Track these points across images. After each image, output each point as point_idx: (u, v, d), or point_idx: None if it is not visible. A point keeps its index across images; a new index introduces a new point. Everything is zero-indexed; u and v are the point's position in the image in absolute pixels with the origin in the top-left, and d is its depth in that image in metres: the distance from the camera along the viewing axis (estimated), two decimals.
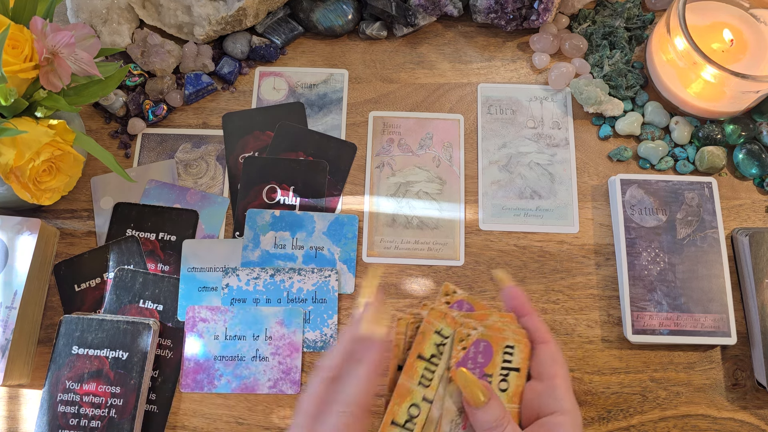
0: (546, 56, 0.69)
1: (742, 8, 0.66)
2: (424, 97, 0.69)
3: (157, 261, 0.62)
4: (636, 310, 0.59)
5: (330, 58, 0.71)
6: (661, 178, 0.63)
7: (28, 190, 0.53)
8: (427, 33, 0.72)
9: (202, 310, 0.59)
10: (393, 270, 0.62)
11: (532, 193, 0.65)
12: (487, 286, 0.62)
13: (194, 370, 0.58)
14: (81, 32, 0.53)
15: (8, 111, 0.52)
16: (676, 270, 0.59)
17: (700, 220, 0.61)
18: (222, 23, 0.67)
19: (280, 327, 0.59)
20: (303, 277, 0.61)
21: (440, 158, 0.66)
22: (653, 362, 0.59)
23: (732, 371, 0.59)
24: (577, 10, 0.71)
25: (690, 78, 0.62)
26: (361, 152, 0.67)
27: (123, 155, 0.66)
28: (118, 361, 0.56)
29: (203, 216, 0.64)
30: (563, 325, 0.60)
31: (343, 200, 0.65)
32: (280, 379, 0.58)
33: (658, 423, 0.57)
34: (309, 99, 0.69)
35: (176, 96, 0.67)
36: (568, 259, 0.63)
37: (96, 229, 0.63)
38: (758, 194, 0.65)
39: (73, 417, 0.54)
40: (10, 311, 0.56)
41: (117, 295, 0.60)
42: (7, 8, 0.53)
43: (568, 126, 0.68)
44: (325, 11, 0.69)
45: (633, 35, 0.70)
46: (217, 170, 0.66)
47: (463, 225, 0.64)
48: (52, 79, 0.52)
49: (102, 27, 0.67)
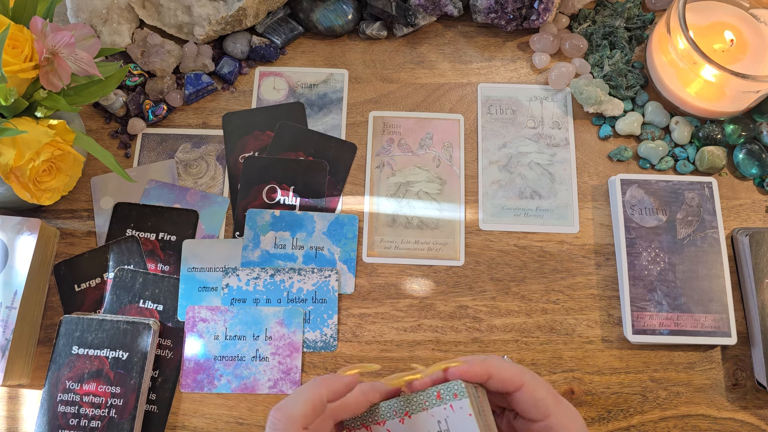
0: (546, 56, 0.69)
1: (742, 8, 0.66)
2: (424, 97, 0.69)
3: (157, 261, 0.62)
4: (636, 310, 0.59)
5: (330, 58, 0.71)
6: (661, 178, 0.63)
7: (28, 190, 0.53)
8: (427, 33, 0.72)
9: (202, 310, 0.59)
10: (393, 270, 0.62)
11: (532, 193, 0.65)
12: (486, 286, 0.62)
13: (194, 370, 0.58)
14: (81, 32, 0.53)
15: (8, 111, 0.52)
16: (676, 270, 0.59)
17: (701, 220, 0.61)
18: (222, 23, 0.67)
19: (280, 327, 0.59)
20: (303, 277, 0.61)
21: (440, 158, 0.66)
22: (653, 362, 0.59)
23: (732, 371, 0.59)
24: (577, 10, 0.71)
25: (690, 78, 0.62)
26: (361, 152, 0.67)
27: (123, 155, 0.66)
28: (118, 361, 0.56)
29: (203, 216, 0.64)
30: (563, 325, 0.60)
31: (343, 200, 0.65)
32: (280, 379, 0.58)
33: (658, 423, 0.57)
34: (309, 99, 0.69)
35: (176, 96, 0.67)
36: (568, 259, 0.63)
37: (96, 229, 0.63)
38: (758, 194, 0.65)
39: (73, 417, 0.54)
40: (10, 311, 0.56)
41: (117, 295, 0.60)
42: (7, 8, 0.53)
43: (568, 126, 0.68)
44: (325, 11, 0.69)
45: (633, 35, 0.70)
46: (217, 170, 0.66)
47: (463, 225, 0.64)
48: (52, 79, 0.52)
49: (102, 27, 0.67)
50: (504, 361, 0.44)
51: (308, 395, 0.41)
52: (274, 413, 0.40)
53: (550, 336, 0.60)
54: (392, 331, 0.60)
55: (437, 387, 0.44)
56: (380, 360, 0.59)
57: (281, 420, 0.39)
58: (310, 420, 0.40)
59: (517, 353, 0.59)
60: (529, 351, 0.59)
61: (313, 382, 0.42)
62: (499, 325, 0.60)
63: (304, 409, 0.40)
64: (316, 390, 0.41)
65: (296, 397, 0.41)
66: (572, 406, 0.43)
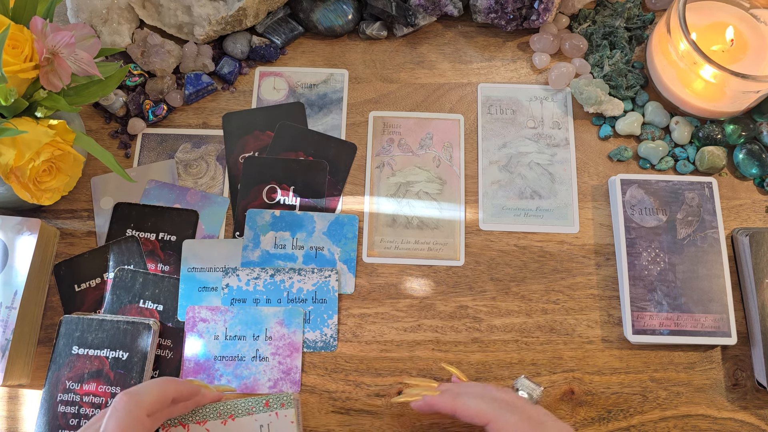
0: (546, 56, 0.69)
1: (742, 8, 0.66)
2: (424, 97, 0.69)
3: (157, 261, 0.62)
4: (636, 310, 0.59)
5: (330, 58, 0.71)
6: (661, 178, 0.63)
7: (28, 190, 0.53)
8: (427, 33, 0.72)
9: (202, 310, 0.59)
10: (393, 270, 0.62)
11: (533, 193, 0.65)
12: (487, 286, 0.62)
13: (194, 370, 0.58)
14: (81, 32, 0.53)
15: (8, 111, 0.52)
16: (676, 270, 0.59)
17: (701, 220, 0.61)
18: (222, 23, 0.67)
19: (280, 327, 0.59)
20: (303, 278, 0.61)
21: (440, 158, 0.66)
22: (653, 362, 0.59)
23: (732, 371, 0.59)
24: (577, 10, 0.71)
25: (690, 78, 0.62)
26: (361, 152, 0.67)
27: (123, 155, 0.66)
28: (118, 361, 0.56)
29: (203, 216, 0.64)
30: (563, 325, 0.60)
31: (343, 200, 0.65)
32: (280, 379, 0.58)
33: (658, 423, 0.57)
34: (309, 99, 0.69)
35: (176, 96, 0.67)
36: (569, 259, 0.63)
37: (96, 229, 0.63)
38: (758, 194, 0.65)
39: (73, 417, 0.54)
40: (10, 311, 0.56)
41: (117, 295, 0.60)
42: (7, 8, 0.53)
43: (569, 126, 0.68)
44: (325, 11, 0.69)
45: (633, 35, 0.70)
46: (217, 170, 0.66)
47: (463, 225, 0.64)
48: (52, 79, 0.52)
49: (102, 27, 0.67)
50: (474, 397, 0.48)
51: (158, 388, 0.46)
52: (123, 397, 0.44)
53: (550, 336, 0.60)
54: (392, 331, 0.60)
55: (266, 396, 0.50)
56: (380, 360, 0.59)
57: (129, 403, 0.44)
58: (154, 410, 0.46)
59: (517, 353, 0.59)
60: (529, 351, 0.59)
61: (164, 379, 0.48)
62: (499, 325, 0.60)
63: (152, 398, 0.45)
64: (165, 386, 0.47)
65: (147, 387, 0.46)
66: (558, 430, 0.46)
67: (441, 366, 0.58)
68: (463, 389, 0.51)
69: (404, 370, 0.59)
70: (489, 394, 0.49)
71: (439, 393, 0.51)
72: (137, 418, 0.44)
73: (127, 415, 0.43)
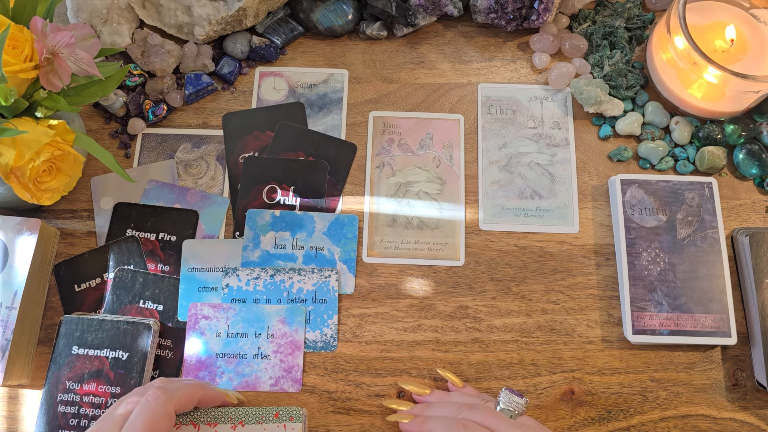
0: (546, 56, 0.69)
1: (742, 8, 0.66)
2: (424, 97, 0.69)
3: (157, 261, 0.62)
4: (636, 310, 0.59)
5: (330, 58, 0.71)
6: (661, 178, 0.63)
7: (28, 190, 0.53)
8: (427, 33, 0.72)
9: (204, 308, 0.59)
10: (393, 270, 0.62)
11: (533, 193, 0.65)
12: (487, 286, 0.62)
13: (196, 367, 0.58)
14: (81, 32, 0.53)
15: (8, 111, 0.52)
16: (676, 270, 0.60)
17: (701, 220, 0.61)
18: (222, 23, 0.67)
19: (282, 325, 0.59)
20: (303, 278, 0.61)
21: (440, 158, 0.66)
22: (653, 362, 0.59)
23: (732, 371, 0.59)
24: (577, 10, 0.71)
25: (690, 78, 0.62)
26: (361, 152, 0.67)
27: (123, 155, 0.66)
28: (118, 362, 0.56)
29: (203, 216, 0.64)
30: (563, 325, 0.60)
31: (343, 200, 0.65)
32: (281, 377, 0.58)
33: (658, 423, 0.57)
34: (309, 99, 0.69)
35: (176, 96, 0.67)
36: (569, 259, 0.63)
37: (96, 229, 0.63)
38: (758, 194, 0.65)
39: (73, 417, 0.54)
40: (10, 311, 0.56)
41: (117, 295, 0.60)
42: (7, 8, 0.53)
43: (568, 126, 0.68)
44: (325, 11, 0.69)
45: (633, 35, 0.70)
46: (217, 170, 0.66)
47: (463, 225, 0.64)
48: (52, 79, 0.52)
49: (102, 27, 0.67)
50: (442, 423, 0.49)
51: (190, 390, 0.49)
52: (157, 391, 0.47)
53: (550, 336, 0.60)
54: (392, 331, 0.60)
55: (277, 408, 0.52)
56: (380, 360, 0.59)
57: (162, 396, 0.47)
58: (182, 408, 0.48)
59: (517, 353, 0.59)
60: (529, 351, 0.60)
61: (197, 383, 0.51)
62: (499, 325, 0.60)
63: (182, 397, 0.48)
64: (195, 390, 0.50)
65: (180, 386, 0.49)
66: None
67: (436, 371, 0.58)
68: (433, 411, 0.52)
69: (404, 371, 0.59)
70: (461, 415, 0.49)
71: (409, 419, 0.53)
72: (167, 412, 0.46)
73: (160, 407, 0.46)
